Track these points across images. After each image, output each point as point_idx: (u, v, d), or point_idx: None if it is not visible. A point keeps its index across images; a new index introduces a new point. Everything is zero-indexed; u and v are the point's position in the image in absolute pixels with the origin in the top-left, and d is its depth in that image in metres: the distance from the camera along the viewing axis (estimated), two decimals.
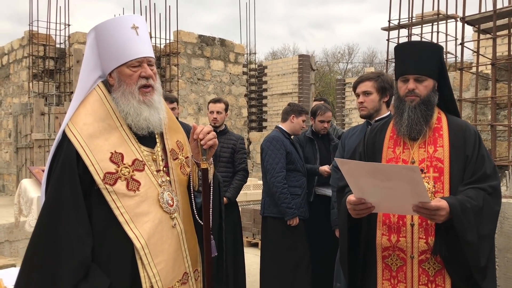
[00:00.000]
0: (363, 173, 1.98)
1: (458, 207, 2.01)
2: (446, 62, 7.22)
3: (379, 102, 3.45)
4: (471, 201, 2.04)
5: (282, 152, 4.29)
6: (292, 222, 4.24)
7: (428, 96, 2.22)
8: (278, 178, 4.25)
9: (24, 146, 10.00)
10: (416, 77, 2.22)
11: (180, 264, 1.96)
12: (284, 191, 4.23)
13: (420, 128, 2.20)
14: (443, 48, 2.41)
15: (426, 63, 2.22)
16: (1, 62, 13.04)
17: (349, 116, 17.08)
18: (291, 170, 4.34)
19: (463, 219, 1.99)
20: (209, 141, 1.96)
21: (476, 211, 2.03)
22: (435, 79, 2.25)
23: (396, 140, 2.29)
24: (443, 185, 2.15)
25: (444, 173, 2.15)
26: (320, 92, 25.33)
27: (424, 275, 2.13)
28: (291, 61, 15.30)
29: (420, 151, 2.22)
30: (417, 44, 2.52)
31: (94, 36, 1.97)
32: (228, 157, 4.59)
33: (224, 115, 4.66)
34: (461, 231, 1.99)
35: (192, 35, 12.60)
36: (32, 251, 1.80)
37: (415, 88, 2.21)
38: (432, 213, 1.98)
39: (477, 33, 6.19)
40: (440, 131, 2.23)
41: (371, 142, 2.39)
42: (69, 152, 1.82)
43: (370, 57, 33.57)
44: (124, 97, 1.92)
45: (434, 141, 2.21)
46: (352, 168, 2.01)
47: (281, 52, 33.09)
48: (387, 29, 7.65)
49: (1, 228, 6.66)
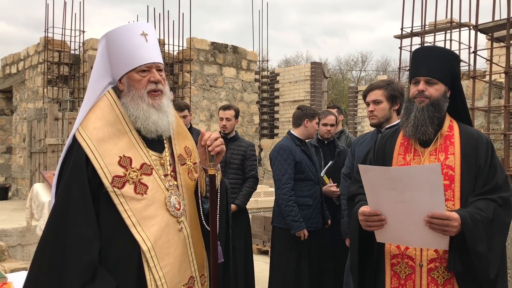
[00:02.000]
0: (384, 183, 1.99)
1: (469, 218, 1.99)
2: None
3: (389, 110, 3.43)
4: (481, 213, 2.03)
5: (290, 162, 4.17)
6: (300, 234, 4.11)
7: (437, 99, 2.21)
8: (284, 190, 4.15)
9: (38, 151, 10.12)
10: (427, 79, 2.22)
11: (186, 268, 1.97)
12: (289, 203, 4.11)
13: (426, 130, 2.19)
14: (458, 57, 2.41)
15: (439, 67, 2.22)
16: (16, 68, 13.24)
17: (361, 124, 17.01)
18: (302, 180, 4.22)
19: (473, 230, 1.98)
20: (216, 148, 1.98)
21: (486, 222, 2.01)
22: (447, 85, 2.25)
23: (407, 147, 2.28)
24: (453, 193, 2.13)
25: (455, 181, 2.14)
26: (333, 100, 25.28)
27: (433, 284, 2.11)
28: (304, 68, 15.31)
29: (431, 158, 2.20)
30: (433, 49, 2.52)
31: (105, 43, 2.02)
32: (238, 163, 4.57)
33: (234, 121, 4.65)
34: (472, 242, 1.97)
35: (205, 42, 12.68)
36: (41, 253, 1.83)
37: (425, 90, 2.21)
38: (444, 223, 1.96)
39: (490, 41, 6.14)
40: (452, 139, 2.22)
41: (382, 148, 2.39)
42: (79, 155, 1.86)
43: (384, 65, 33.47)
44: (133, 102, 1.95)
45: (445, 149, 2.20)
46: (373, 177, 2.02)
47: (294, 60, 33.16)
48: (400, 36, 7.62)
49: (14, 232, 6.75)
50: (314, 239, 4.23)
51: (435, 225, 1.98)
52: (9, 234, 6.68)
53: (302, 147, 4.34)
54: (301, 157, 4.26)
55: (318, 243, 4.26)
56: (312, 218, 4.23)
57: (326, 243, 4.32)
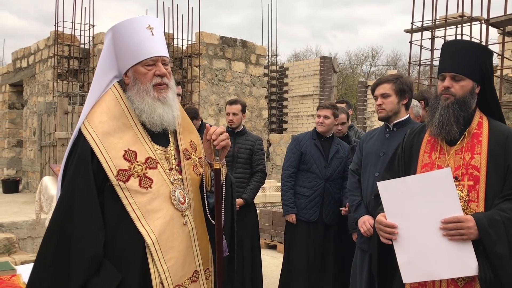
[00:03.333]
0: (403, 198, 2.01)
1: (484, 219, 1.94)
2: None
3: (397, 104, 3.41)
4: (502, 214, 1.96)
5: (295, 152, 4.43)
6: (288, 218, 4.37)
7: (463, 97, 2.13)
8: (284, 175, 4.47)
9: (48, 144, 10.19)
10: (452, 75, 2.15)
11: (191, 261, 1.97)
12: (285, 188, 4.41)
13: (450, 129, 2.12)
14: (490, 51, 2.29)
15: (466, 62, 2.14)
16: (27, 62, 13.33)
17: (371, 119, 16.93)
18: (304, 171, 4.41)
19: (489, 231, 1.92)
20: (221, 142, 1.97)
21: (510, 223, 1.94)
22: (476, 80, 2.16)
23: (433, 144, 2.22)
24: (478, 194, 2.06)
25: (480, 182, 2.06)
26: (343, 95, 25.18)
27: (453, 286, 2.06)
28: (313, 63, 15.24)
29: (456, 158, 2.14)
30: (461, 43, 2.43)
31: (111, 36, 2.02)
32: (246, 158, 4.57)
33: (241, 116, 4.64)
34: (489, 243, 1.92)
35: (214, 37, 12.66)
36: (46, 245, 1.84)
37: (451, 86, 2.15)
38: (458, 226, 1.93)
39: (502, 35, 6.07)
40: (480, 137, 2.13)
41: (409, 145, 2.33)
42: (84, 149, 1.86)
43: (394, 60, 33.26)
44: (139, 95, 1.95)
45: (472, 148, 2.12)
46: (393, 194, 2.04)
47: (303, 54, 33.04)
48: (410, 31, 7.56)
49: (24, 225, 6.81)
50: (308, 229, 4.34)
51: (451, 231, 1.94)
52: (19, 226, 6.75)
53: (316, 141, 4.42)
54: (309, 149, 4.39)
55: (313, 235, 4.33)
56: (307, 209, 4.33)
57: (321, 236, 4.33)
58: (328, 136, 4.47)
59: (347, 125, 4.77)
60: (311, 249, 4.32)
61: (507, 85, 5.85)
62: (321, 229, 4.34)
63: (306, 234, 4.34)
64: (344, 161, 4.41)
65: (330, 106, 4.47)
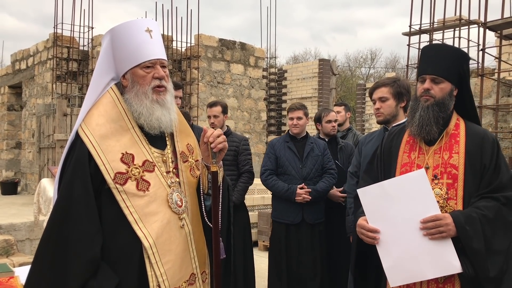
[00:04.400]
0: (382, 202, 2.06)
1: (461, 216, 2.02)
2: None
3: (396, 107, 3.42)
4: (478, 211, 2.03)
5: (271, 156, 4.50)
6: (299, 198, 4.25)
7: (443, 98, 2.21)
8: (262, 176, 4.50)
9: (47, 146, 10.18)
10: (432, 77, 2.22)
11: (188, 264, 1.98)
12: (269, 182, 4.40)
13: (430, 129, 2.19)
14: (468, 55, 2.38)
15: (445, 65, 2.22)
16: (26, 64, 13.33)
17: (369, 121, 16.95)
18: (282, 174, 4.44)
19: (466, 227, 1.99)
20: (219, 145, 1.98)
21: (485, 220, 2.01)
22: (454, 84, 2.24)
23: (412, 145, 2.29)
24: (456, 192, 2.13)
25: (458, 180, 2.14)
26: (342, 97, 25.20)
27: (433, 282, 2.12)
28: (311, 65, 15.26)
29: (435, 157, 2.21)
30: (441, 47, 2.50)
31: (109, 39, 2.02)
32: (231, 160, 4.51)
33: (222, 118, 4.62)
34: (466, 239, 1.99)
35: (213, 39, 12.68)
36: (43, 248, 1.84)
37: (431, 88, 2.21)
38: (437, 224, 2.00)
39: (499, 39, 6.09)
40: (457, 138, 2.22)
41: (388, 146, 2.40)
42: (82, 152, 1.86)
43: (393, 62, 33.30)
44: (137, 98, 1.95)
45: (450, 147, 2.20)
46: (372, 199, 2.10)
47: (302, 57, 33.07)
48: (408, 34, 7.58)
49: (23, 226, 6.81)
50: (292, 233, 4.34)
51: (431, 230, 2.00)
52: (18, 228, 6.75)
53: (290, 143, 4.50)
54: (283, 152, 4.46)
55: (297, 237, 4.34)
56: (290, 212, 4.34)
57: (307, 237, 4.33)
58: (302, 136, 4.53)
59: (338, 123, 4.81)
60: (296, 250, 4.33)
61: (504, 88, 5.86)
62: (306, 230, 4.34)
63: (291, 236, 4.35)
64: (321, 159, 4.43)
65: (300, 106, 4.56)
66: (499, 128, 5.51)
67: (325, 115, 4.77)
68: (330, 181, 4.38)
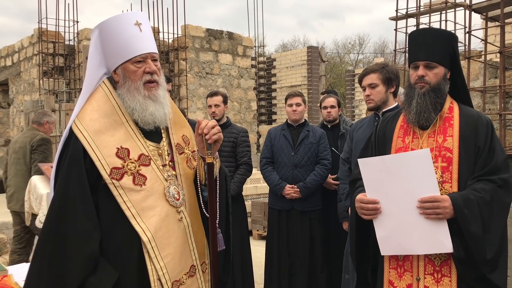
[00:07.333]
0: (382, 175, 2.06)
1: (460, 199, 2.02)
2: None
3: (385, 93, 3.44)
4: (476, 193, 2.04)
5: (268, 144, 4.59)
6: (285, 193, 4.32)
7: (438, 84, 2.20)
8: (261, 164, 4.58)
9: None
10: (426, 63, 2.21)
11: (187, 257, 1.99)
12: (266, 172, 4.49)
13: (428, 116, 2.19)
14: (456, 36, 2.37)
15: (437, 50, 2.20)
16: (12, 60, 13.17)
17: (359, 107, 17.02)
18: (275, 162, 4.51)
19: (464, 210, 2.00)
20: (213, 136, 1.98)
21: (483, 203, 2.02)
22: (447, 67, 2.23)
23: (406, 129, 2.29)
24: (451, 175, 2.14)
25: (453, 163, 2.14)
26: (331, 84, 25.24)
27: (430, 265, 2.14)
28: (300, 53, 15.25)
29: (429, 141, 2.21)
30: (429, 31, 2.49)
31: (98, 34, 1.99)
32: (230, 151, 4.50)
33: (223, 107, 4.58)
34: (464, 223, 2.00)
35: (200, 29, 12.60)
36: (42, 246, 1.83)
37: (425, 75, 2.20)
38: (434, 205, 2.00)
39: (485, 20, 6.12)
40: (451, 121, 2.21)
41: (382, 131, 2.40)
42: (76, 148, 1.85)
43: (381, 47, 33.36)
44: (129, 93, 1.94)
45: (444, 131, 2.20)
46: (372, 171, 2.09)
47: (291, 44, 33.01)
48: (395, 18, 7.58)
49: None
50: (282, 218, 4.41)
51: (427, 210, 2.01)
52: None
53: (285, 130, 4.53)
54: (277, 140, 4.51)
55: (287, 223, 4.39)
56: (280, 199, 4.38)
57: (297, 224, 4.37)
58: (299, 123, 4.54)
59: (338, 109, 4.79)
60: (286, 237, 4.38)
61: (491, 70, 5.91)
62: (296, 216, 4.37)
63: (283, 223, 4.40)
64: (315, 146, 4.41)
65: (299, 93, 4.58)
66: (487, 110, 5.56)
67: (322, 101, 4.81)
68: (322, 173, 4.34)
